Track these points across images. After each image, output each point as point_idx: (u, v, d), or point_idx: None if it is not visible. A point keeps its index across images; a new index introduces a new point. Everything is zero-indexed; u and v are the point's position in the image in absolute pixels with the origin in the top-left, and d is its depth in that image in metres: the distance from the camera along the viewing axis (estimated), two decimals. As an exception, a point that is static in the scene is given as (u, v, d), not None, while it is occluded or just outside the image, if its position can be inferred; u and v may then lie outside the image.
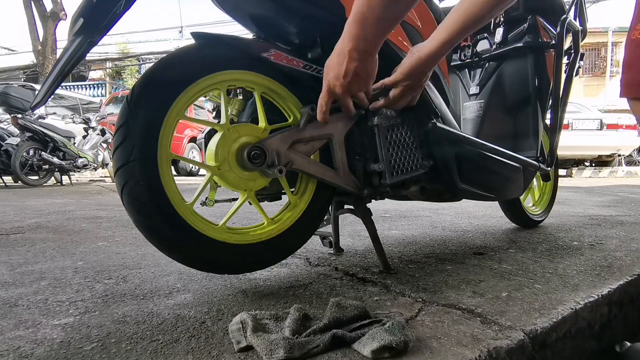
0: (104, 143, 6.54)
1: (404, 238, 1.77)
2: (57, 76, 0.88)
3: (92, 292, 1.05)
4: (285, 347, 0.67)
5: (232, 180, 1.01)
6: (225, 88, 1.02)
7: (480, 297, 1.00)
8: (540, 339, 0.81)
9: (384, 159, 1.13)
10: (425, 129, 1.21)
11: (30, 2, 11.13)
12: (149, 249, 1.54)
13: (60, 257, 1.44)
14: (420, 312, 0.89)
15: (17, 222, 2.27)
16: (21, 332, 0.80)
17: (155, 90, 0.92)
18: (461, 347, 0.73)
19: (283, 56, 1.03)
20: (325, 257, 1.41)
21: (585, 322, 0.94)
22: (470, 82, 1.75)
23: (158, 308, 0.93)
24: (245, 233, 1.06)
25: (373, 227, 1.22)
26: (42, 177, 5.79)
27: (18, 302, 0.98)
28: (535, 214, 2.05)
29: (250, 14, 1.10)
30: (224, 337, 0.77)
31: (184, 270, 1.24)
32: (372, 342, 0.69)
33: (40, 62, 11.39)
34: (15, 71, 18.53)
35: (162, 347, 0.74)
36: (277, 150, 1.01)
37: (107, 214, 2.63)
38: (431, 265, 1.30)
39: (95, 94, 16.77)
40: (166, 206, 0.91)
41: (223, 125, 1.00)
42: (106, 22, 0.89)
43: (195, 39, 1.00)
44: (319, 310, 0.89)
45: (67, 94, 9.49)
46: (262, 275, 1.20)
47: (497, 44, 1.68)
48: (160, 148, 0.91)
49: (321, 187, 1.14)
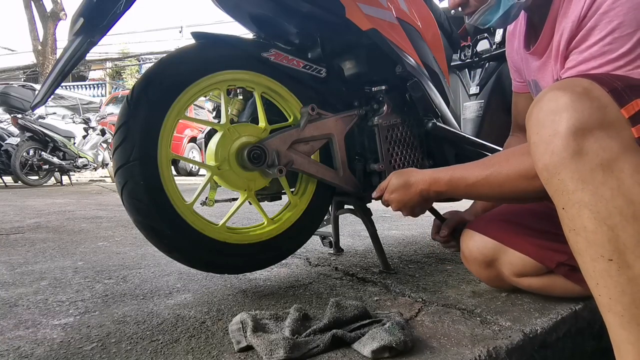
0: (104, 143, 6.54)
1: (404, 238, 1.77)
2: (57, 76, 0.88)
3: (92, 292, 1.05)
4: (285, 347, 0.67)
5: (232, 180, 1.01)
6: (225, 88, 1.02)
7: (480, 297, 1.00)
8: (540, 339, 0.81)
9: (384, 159, 1.13)
10: (426, 129, 1.21)
11: (30, 2, 11.12)
12: (149, 249, 1.54)
13: (60, 257, 1.44)
14: (420, 312, 0.89)
15: (17, 222, 2.27)
16: (21, 332, 0.80)
17: (155, 90, 0.92)
18: (461, 347, 0.73)
19: (283, 56, 1.03)
20: (325, 257, 1.41)
21: (585, 322, 0.93)
22: (470, 82, 1.75)
23: (158, 308, 0.93)
24: (245, 233, 1.05)
25: (373, 227, 1.22)
26: (42, 177, 5.79)
27: (18, 302, 0.98)
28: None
29: (250, 13, 1.10)
30: (224, 337, 0.77)
31: (184, 270, 1.24)
32: (372, 342, 0.69)
33: (40, 62, 11.38)
34: (15, 71, 18.51)
35: (162, 347, 0.74)
36: (277, 150, 1.01)
37: (107, 214, 2.63)
38: (431, 265, 1.30)
39: (95, 94, 16.75)
40: (166, 206, 0.91)
41: (223, 125, 1.00)
42: (106, 22, 0.89)
43: (196, 39, 1.00)
44: (319, 310, 0.89)
45: (67, 94, 9.49)
46: (262, 275, 1.20)
47: (497, 44, 1.68)
48: (160, 148, 0.91)
49: (321, 187, 1.14)
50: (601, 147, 0.56)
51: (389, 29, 1.12)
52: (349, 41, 1.14)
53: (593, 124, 0.56)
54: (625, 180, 0.54)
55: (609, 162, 0.55)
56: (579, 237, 0.58)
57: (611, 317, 0.56)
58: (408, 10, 1.24)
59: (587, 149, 0.56)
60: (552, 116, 0.59)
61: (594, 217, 0.55)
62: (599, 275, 0.56)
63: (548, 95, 0.62)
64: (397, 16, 1.17)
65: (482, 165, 0.84)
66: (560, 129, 0.58)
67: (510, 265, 0.94)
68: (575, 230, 0.58)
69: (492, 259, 0.96)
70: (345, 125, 1.12)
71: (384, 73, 1.16)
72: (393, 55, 1.11)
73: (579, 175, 0.56)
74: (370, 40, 1.08)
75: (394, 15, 1.16)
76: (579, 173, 0.56)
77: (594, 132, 0.56)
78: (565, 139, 0.57)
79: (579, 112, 0.57)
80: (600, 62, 0.68)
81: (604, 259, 0.55)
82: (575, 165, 0.57)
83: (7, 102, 5.24)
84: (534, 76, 0.93)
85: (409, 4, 1.25)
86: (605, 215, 0.55)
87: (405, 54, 1.15)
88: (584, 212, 0.56)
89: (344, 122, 1.11)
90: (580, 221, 0.57)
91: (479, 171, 0.84)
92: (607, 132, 0.56)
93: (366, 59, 1.16)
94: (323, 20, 1.04)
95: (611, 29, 0.67)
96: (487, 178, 0.81)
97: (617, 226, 0.54)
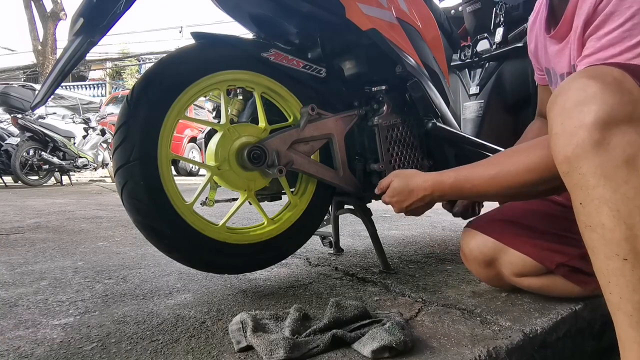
0: (104, 143, 6.54)
1: (404, 238, 1.77)
2: (57, 76, 0.88)
3: (92, 292, 1.05)
4: (285, 347, 0.67)
5: (232, 180, 1.01)
6: (225, 88, 1.02)
7: (480, 297, 1.00)
8: (540, 339, 0.81)
9: (384, 159, 1.13)
10: (426, 129, 1.21)
11: (30, 2, 11.11)
12: (149, 249, 1.54)
13: (60, 257, 1.44)
14: (420, 312, 0.89)
15: (17, 222, 2.27)
16: (21, 332, 0.80)
17: (155, 90, 0.92)
18: (461, 347, 0.73)
19: (283, 56, 1.03)
20: (325, 257, 1.41)
21: (585, 322, 0.93)
22: (470, 82, 1.75)
23: (158, 308, 0.93)
24: (245, 233, 1.05)
25: (373, 227, 1.22)
26: (42, 177, 5.79)
27: (18, 302, 0.98)
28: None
29: (250, 13, 1.10)
30: (224, 337, 0.77)
31: (184, 270, 1.24)
32: (372, 342, 0.69)
33: (40, 62, 11.38)
34: (15, 71, 18.50)
35: (162, 347, 0.74)
36: (277, 150, 1.01)
37: (107, 214, 2.63)
38: (431, 265, 1.30)
39: (95, 94, 16.74)
40: (166, 206, 0.91)
41: (223, 125, 1.00)
42: (106, 22, 0.89)
43: (195, 39, 1.00)
44: (319, 310, 0.89)
45: (67, 94, 9.49)
46: (262, 275, 1.20)
47: (497, 44, 1.68)
48: (160, 148, 0.91)
49: (321, 187, 1.14)
50: (628, 142, 0.53)
51: (389, 29, 1.12)
52: (349, 41, 1.14)
53: (622, 118, 0.54)
54: None
55: (635, 159, 0.53)
56: (594, 233, 0.56)
57: (620, 315, 0.56)
58: (408, 10, 1.24)
59: (613, 143, 0.54)
60: (580, 107, 0.57)
61: (613, 215, 0.54)
62: (612, 274, 0.55)
63: (576, 83, 0.59)
64: (397, 16, 1.18)
65: (486, 165, 0.83)
66: (587, 120, 0.55)
67: (510, 265, 0.94)
68: (591, 226, 0.57)
69: (492, 259, 0.96)
70: (345, 125, 1.12)
71: (384, 73, 1.16)
72: (393, 55, 1.11)
73: (602, 171, 0.54)
74: (370, 40, 1.08)
75: (394, 15, 1.16)
76: (602, 168, 0.54)
77: (622, 127, 0.54)
78: (591, 131, 0.55)
79: (608, 104, 0.55)
80: (620, 49, 0.66)
81: (618, 257, 0.54)
82: (600, 160, 0.54)
83: (7, 102, 5.24)
84: (551, 63, 0.90)
85: (409, 4, 1.25)
86: (626, 214, 0.53)
87: (405, 54, 1.15)
88: (603, 209, 0.55)
89: (344, 122, 1.11)
90: (599, 218, 0.55)
91: (483, 171, 0.82)
92: (636, 127, 0.54)
93: (366, 59, 1.16)
94: (323, 20, 1.04)
95: (630, 14, 0.65)
96: (495, 177, 0.80)
97: (636, 226, 0.53)
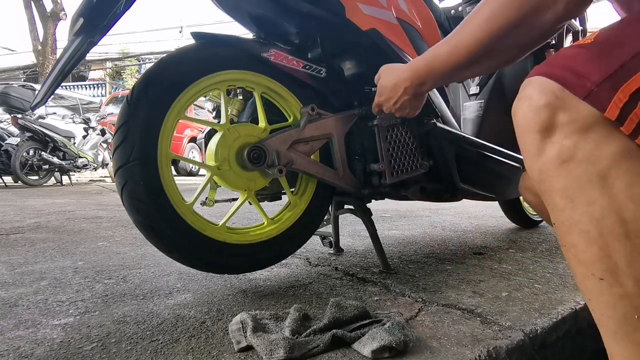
0: (104, 143, 6.54)
1: (404, 238, 1.77)
2: (57, 76, 0.88)
3: (92, 292, 1.05)
4: (285, 347, 0.67)
5: (232, 180, 1.01)
6: (225, 88, 1.02)
7: (480, 297, 1.00)
8: (540, 339, 0.81)
9: (383, 159, 1.13)
10: (426, 129, 1.21)
11: (30, 2, 11.11)
12: (149, 249, 1.54)
13: (60, 257, 1.44)
14: (420, 312, 0.89)
15: (17, 222, 2.26)
16: (21, 332, 0.80)
17: (155, 90, 0.92)
18: (461, 347, 0.73)
19: (283, 56, 1.03)
20: (325, 257, 1.41)
21: (585, 322, 0.93)
22: (470, 82, 1.75)
23: (158, 308, 0.93)
24: (245, 233, 1.06)
25: (373, 227, 1.22)
26: (42, 177, 5.79)
27: (18, 302, 0.98)
28: (536, 214, 2.05)
29: (250, 13, 1.10)
30: (224, 337, 0.77)
31: (184, 270, 1.24)
32: (372, 342, 0.69)
33: (40, 62, 11.38)
34: (15, 71, 18.51)
35: (162, 347, 0.74)
36: (277, 150, 1.01)
37: (107, 214, 2.63)
38: (431, 265, 1.30)
39: (95, 94, 16.75)
40: (166, 206, 0.91)
41: (223, 125, 1.00)
42: (106, 22, 0.89)
43: (195, 39, 1.00)
44: (319, 310, 0.89)
45: (67, 94, 9.49)
46: (262, 275, 1.20)
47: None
48: (160, 148, 0.91)
49: (321, 187, 1.14)
50: (591, 157, 0.49)
51: (389, 29, 1.12)
52: (349, 41, 1.14)
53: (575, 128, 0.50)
54: (617, 197, 0.49)
55: (603, 176, 0.49)
56: (569, 253, 0.55)
57: (604, 331, 0.55)
58: (408, 10, 1.24)
59: (576, 158, 0.50)
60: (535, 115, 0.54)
61: (584, 237, 0.52)
62: (591, 293, 0.54)
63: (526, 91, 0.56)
64: (397, 16, 1.18)
65: (449, 37, 0.74)
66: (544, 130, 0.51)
67: None
68: (566, 246, 0.55)
69: None
70: (345, 125, 1.12)
71: None
72: (393, 55, 1.11)
73: (568, 192, 0.51)
74: (370, 40, 1.08)
75: (394, 15, 1.16)
76: (567, 190, 0.51)
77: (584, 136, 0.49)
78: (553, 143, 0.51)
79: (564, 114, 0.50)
80: None
81: (594, 277, 0.53)
82: (564, 180, 0.51)
83: (7, 102, 5.24)
84: None
85: (409, 4, 1.25)
86: (596, 235, 0.51)
87: (405, 54, 1.15)
88: (573, 231, 0.53)
89: (344, 122, 1.11)
90: (570, 239, 0.53)
91: (447, 42, 0.74)
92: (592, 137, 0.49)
93: (366, 59, 1.16)
94: (323, 20, 1.04)
95: None
96: (459, 43, 0.71)
97: (608, 246, 0.51)
